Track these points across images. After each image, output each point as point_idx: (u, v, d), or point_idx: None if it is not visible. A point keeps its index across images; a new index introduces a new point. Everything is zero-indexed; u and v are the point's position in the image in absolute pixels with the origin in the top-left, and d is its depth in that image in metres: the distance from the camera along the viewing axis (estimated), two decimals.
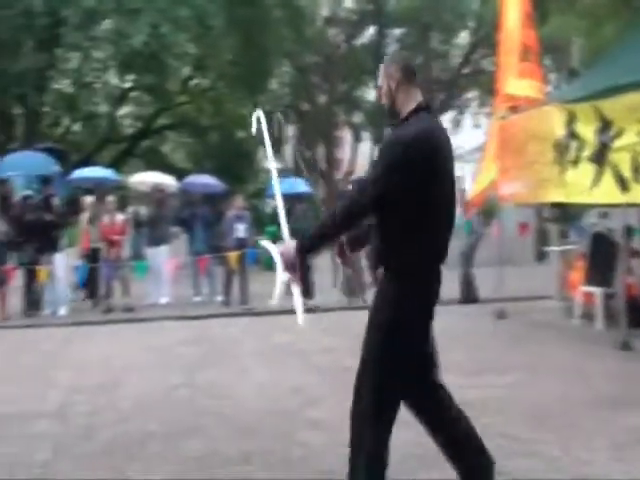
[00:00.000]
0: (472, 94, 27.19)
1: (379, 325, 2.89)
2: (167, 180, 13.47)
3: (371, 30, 27.10)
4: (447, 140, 2.91)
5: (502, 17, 9.33)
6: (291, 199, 11.53)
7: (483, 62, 24.76)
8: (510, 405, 5.04)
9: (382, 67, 3.02)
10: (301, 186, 13.93)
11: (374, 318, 2.93)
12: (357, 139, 27.86)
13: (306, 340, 8.08)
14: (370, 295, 10.50)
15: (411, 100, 2.93)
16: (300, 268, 2.96)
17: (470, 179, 21.07)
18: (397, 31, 26.99)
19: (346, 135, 31.38)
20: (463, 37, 26.68)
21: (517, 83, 8.92)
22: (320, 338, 8.21)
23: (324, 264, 11.75)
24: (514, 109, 9.06)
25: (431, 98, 26.42)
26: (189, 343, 8.15)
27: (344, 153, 31.38)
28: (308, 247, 2.97)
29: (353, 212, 2.89)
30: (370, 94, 31.00)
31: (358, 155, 27.49)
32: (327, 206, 21.93)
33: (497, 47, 9.72)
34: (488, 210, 12.14)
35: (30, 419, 5.04)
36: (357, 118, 30.19)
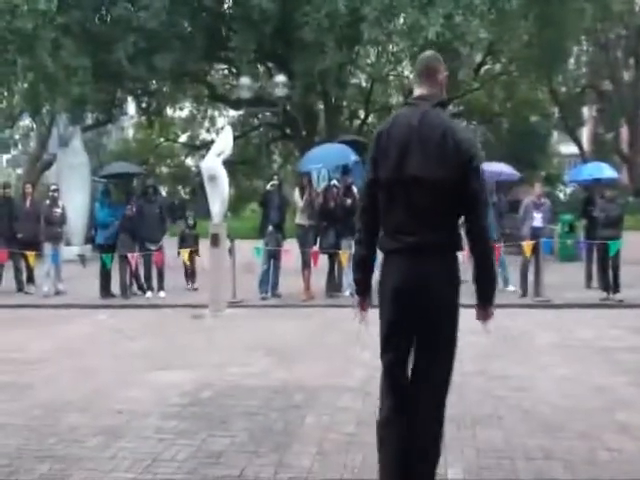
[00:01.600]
0: None
1: None
2: None
3: None
4: (403, 130, 3.03)
5: None
6: (593, 186, 10.78)
7: None
8: None
9: None
10: (606, 171, 12.69)
11: None
12: None
13: (610, 337, 7.56)
14: None
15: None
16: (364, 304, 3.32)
17: None
18: None
19: None
20: None
21: None
22: (626, 335, 7.61)
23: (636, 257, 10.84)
24: None
25: None
26: (480, 332, 8.08)
27: None
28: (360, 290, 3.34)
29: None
30: None
31: None
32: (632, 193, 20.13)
33: None
34: None
35: (336, 392, 5.45)
36: None
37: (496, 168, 13.17)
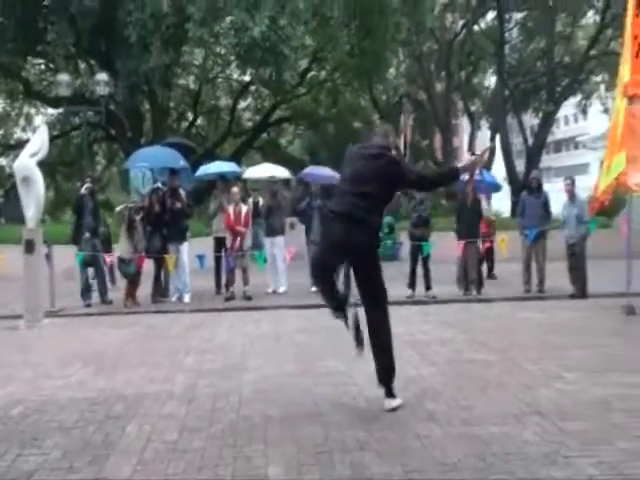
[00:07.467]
0: (601, 77, 25.92)
1: None
2: (280, 172, 13.71)
3: (490, 15, 26.38)
4: (353, 156, 5.01)
5: None
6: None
7: (613, 43, 23.46)
8: None
9: None
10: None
11: None
12: (475, 127, 27.23)
13: (422, 331, 8.07)
14: (484, 290, 10.10)
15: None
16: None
17: (595, 167, 20.03)
18: (518, 15, 26.17)
19: (463, 123, 30.74)
20: (590, 17, 25.44)
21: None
22: (436, 329, 8.16)
23: (445, 255, 11.56)
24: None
25: (554, 83, 25.36)
26: (306, 332, 8.31)
27: (461, 141, 30.69)
28: None
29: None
30: (489, 81, 30.21)
31: (476, 143, 26.88)
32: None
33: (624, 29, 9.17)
34: (615, 201, 11.50)
35: (159, 400, 5.34)
36: (475, 106, 29.53)
37: (321, 172, 13.61)
